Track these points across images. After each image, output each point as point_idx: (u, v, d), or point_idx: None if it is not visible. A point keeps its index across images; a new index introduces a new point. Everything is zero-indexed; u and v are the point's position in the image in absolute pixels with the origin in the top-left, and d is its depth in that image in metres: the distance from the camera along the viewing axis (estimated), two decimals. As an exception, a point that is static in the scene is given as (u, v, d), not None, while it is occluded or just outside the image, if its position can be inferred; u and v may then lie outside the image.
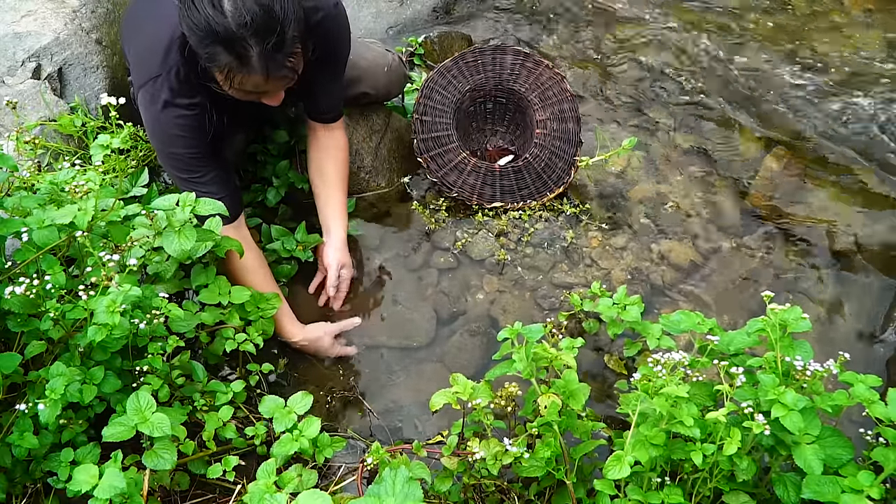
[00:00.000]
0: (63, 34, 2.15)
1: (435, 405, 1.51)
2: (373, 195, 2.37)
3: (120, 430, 1.37)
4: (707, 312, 2.00)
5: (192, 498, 1.64)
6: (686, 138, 2.57)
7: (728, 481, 1.38)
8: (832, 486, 1.28)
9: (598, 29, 3.00)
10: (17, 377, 1.45)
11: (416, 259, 2.24)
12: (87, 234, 1.41)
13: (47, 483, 1.47)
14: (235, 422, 1.72)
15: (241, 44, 1.46)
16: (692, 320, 1.53)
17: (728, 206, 2.36)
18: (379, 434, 1.88)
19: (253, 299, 1.80)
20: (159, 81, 1.67)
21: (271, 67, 1.51)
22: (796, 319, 1.37)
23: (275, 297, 1.84)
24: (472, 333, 2.06)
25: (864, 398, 1.33)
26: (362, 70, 2.19)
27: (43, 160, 1.91)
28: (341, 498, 1.59)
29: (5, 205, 1.48)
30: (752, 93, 2.71)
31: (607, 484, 1.35)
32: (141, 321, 1.48)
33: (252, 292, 1.79)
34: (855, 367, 1.57)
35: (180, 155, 1.75)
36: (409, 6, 2.99)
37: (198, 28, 1.46)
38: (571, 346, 1.55)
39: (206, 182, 1.78)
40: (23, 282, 1.35)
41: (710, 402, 1.44)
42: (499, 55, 2.39)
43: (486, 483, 1.57)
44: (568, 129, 2.34)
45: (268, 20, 1.45)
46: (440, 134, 2.30)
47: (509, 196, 2.31)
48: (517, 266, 2.21)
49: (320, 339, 1.98)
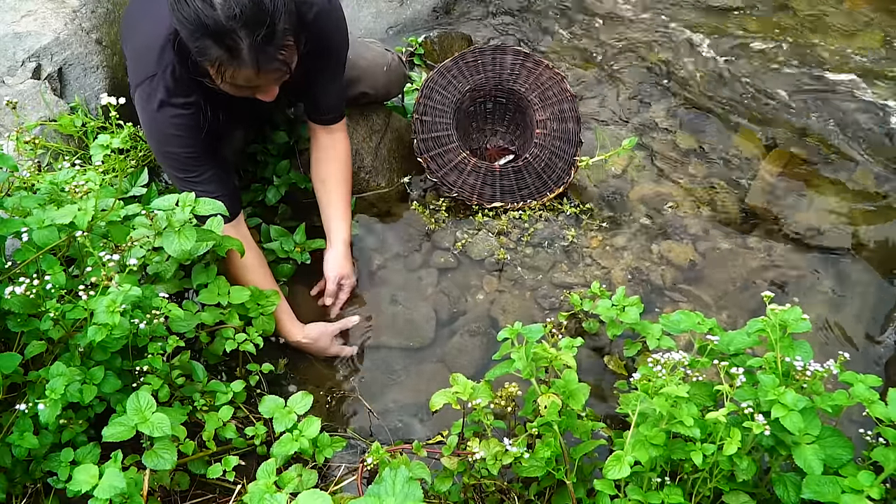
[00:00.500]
0: (63, 34, 2.15)
1: (435, 405, 1.51)
2: (373, 195, 2.37)
3: (120, 430, 1.37)
4: (707, 312, 2.00)
5: (192, 498, 1.64)
6: (686, 138, 2.57)
7: (728, 481, 1.38)
8: (832, 486, 1.28)
9: (599, 29, 3.00)
10: (17, 377, 1.45)
11: (416, 259, 2.23)
12: (87, 234, 1.41)
13: (47, 483, 1.47)
14: (235, 422, 1.72)
15: (231, 36, 1.45)
16: (692, 320, 1.53)
17: (728, 206, 2.36)
18: (379, 434, 1.88)
19: (252, 297, 1.80)
20: (155, 80, 1.68)
21: (262, 60, 1.51)
22: (796, 320, 1.37)
23: (274, 294, 1.85)
24: (472, 333, 2.06)
25: (864, 398, 1.33)
26: (362, 70, 2.19)
27: (43, 160, 1.91)
28: (341, 498, 1.59)
29: (5, 205, 1.48)
30: (752, 93, 2.71)
31: (607, 484, 1.36)
32: (141, 321, 1.48)
33: (251, 290, 1.79)
34: (855, 368, 1.58)
35: (177, 154, 1.75)
36: (409, 6, 2.99)
37: (188, 21, 1.46)
38: (570, 345, 1.55)
39: (204, 181, 1.78)
40: (23, 282, 1.35)
41: (710, 403, 1.44)
42: (499, 55, 2.39)
43: (486, 483, 1.57)
44: (568, 129, 2.34)
45: (257, 12, 1.45)
46: (440, 134, 2.30)
47: (509, 196, 2.31)
48: (517, 266, 2.21)
49: (319, 338, 1.98)
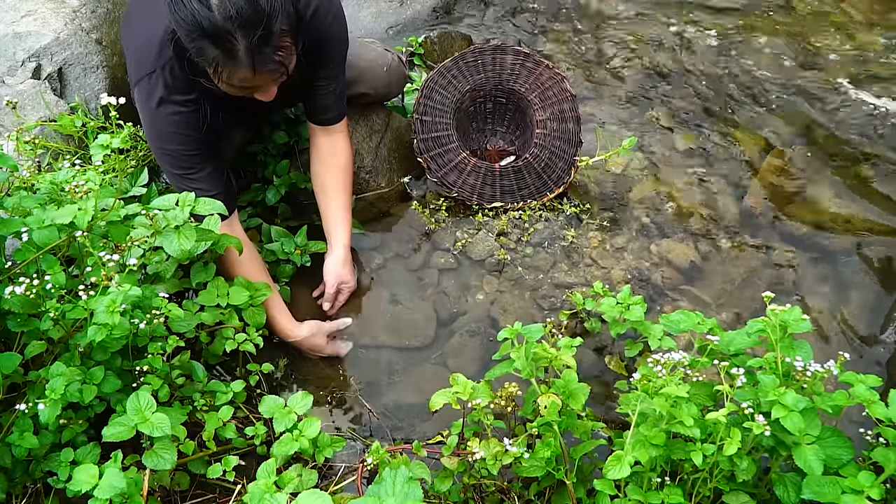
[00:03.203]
0: (63, 34, 2.15)
1: (435, 405, 1.51)
2: (373, 195, 2.37)
3: (120, 430, 1.37)
4: (707, 312, 2.00)
5: (192, 498, 1.64)
6: (686, 138, 2.57)
7: (728, 481, 1.38)
8: (832, 486, 1.28)
9: (599, 29, 3.00)
10: (17, 377, 1.45)
11: (416, 259, 2.23)
12: (87, 234, 1.41)
13: (47, 483, 1.48)
14: (235, 422, 1.72)
15: (227, 37, 1.46)
16: (692, 320, 1.53)
17: (728, 206, 2.36)
18: (379, 434, 1.88)
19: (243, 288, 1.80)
20: (154, 77, 1.68)
21: (258, 61, 1.51)
22: (796, 320, 1.37)
23: (265, 287, 1.84)
24: (472, 333, 2.06)
25: (864, 398, 1.33)
26: (362, 70, 2.19)
27: (43, 160, 1.91)
28: (341, 498, 1.59)
29: (5, 205, 1.48)
30: (752, 92, 2.71)
31: (607, 484, 1.35)
32: (141, 321, 1.48)
33: (243, 283, 1.80)
34: (855, 368, 1.58)
35: (174, 151, 1.75)
36: (409, 6, 2.99)
37: (185, 22, 1.47)
38: (570, 345, 1.55)
39: (199, 179, 1.78)
40: (23, 282, 1.35)
41: (710, 403, 1.44)
42: (499, 55, 2.39)
43: (486, 483, 1.57)
44: (568, 129, 2.34)
45: (253, 14, 1.45)
46: (440, 134, 2.30)
47: (509, 196, 2.31)
48: (517, 266, 2.21)
49: (314, 335, 1.98)
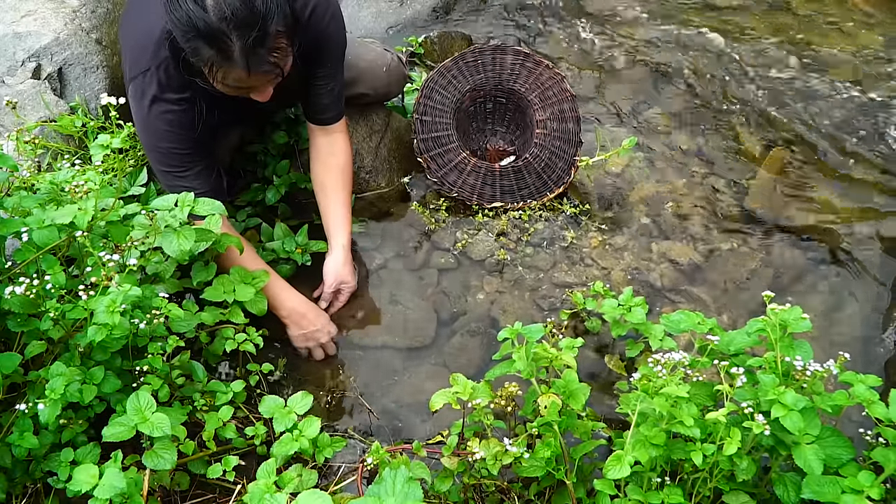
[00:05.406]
0: (63, 34, 2.15)
1: (435, 405, 1.51)
2: (373, 195, 2.37)
3: (120, 430, 1.37)
4: (707, 312, 2.00)
5: (192, 498, 1.64)
6: (686, 138, 2.57)
7: (728, 481, 1.38)
8: (832, 486, 1.28)
9: (599, 29, 3.00)
10: (17, 377, 1.45)
11: (416, 259, 2.23)
12: (87, 234, 1.41)
13: (47, 483, 1.48)
14: (235, 422, 1.72)
15: (222, 38, 1.46)
16: (692, 320, 1.52)
17: (728, 206, 2.36)
18: (379, 434, 1.88)
19: (240, 276, 1.79)
20: (148, 75, 1.68)
21: (252, 62, 1.51)
22: (796, 319, 1.37)
23: (263, 273, 1.83)
24: (472, 333, 2.06)
25: (863, 398, 1.33)
26: (362, 70, 2.19)
27: (43, 160, 1.91)
28: (341, 498, 1.59)
29: (5, 205, 1.48)
30: (752, 93, 2.71)
31: (607, 484, 1.35)
32: (141, 321, 1.48)
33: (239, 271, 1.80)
34: (855, 367, 1.57)
35: (164, 149, 1.76)
36: (409, 6, 2.99)
37: (180, 22, 1.47)
38: (571, 345, 1.55)
39: (189, 176, 1.78)
40: (23, 282, 1.35)
41: (710, 402, 1.43)
42: (499, 55, 2.39)
43: (486, 483, 1.57)
44: (568, 129, 2.34)
45: (249, 15, 1.45)
46: (440, 134, 2.30)
47: (509, 196, 2.31)
48: (517, 266, 2.20)
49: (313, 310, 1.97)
